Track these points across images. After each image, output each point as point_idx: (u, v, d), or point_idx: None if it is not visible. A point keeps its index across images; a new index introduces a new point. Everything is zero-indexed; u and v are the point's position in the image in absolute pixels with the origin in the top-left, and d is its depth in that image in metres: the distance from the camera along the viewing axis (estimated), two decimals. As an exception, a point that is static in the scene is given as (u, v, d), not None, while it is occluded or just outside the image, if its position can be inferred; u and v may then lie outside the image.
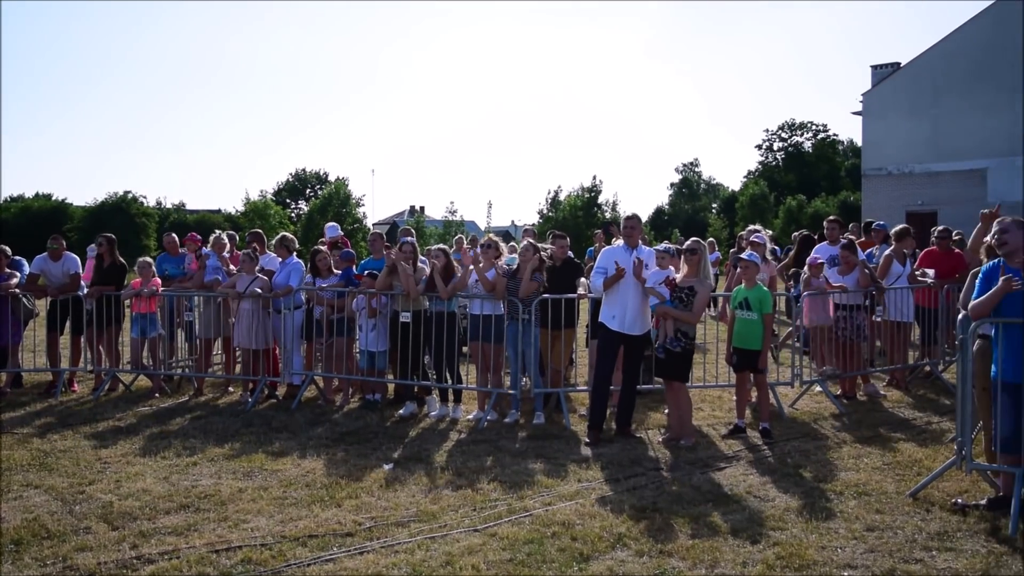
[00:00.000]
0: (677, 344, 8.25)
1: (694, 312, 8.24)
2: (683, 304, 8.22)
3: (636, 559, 5.40)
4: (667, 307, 8.24)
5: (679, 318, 8.21)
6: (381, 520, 6.18)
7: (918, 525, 5.90)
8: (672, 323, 8.24)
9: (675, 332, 8.24)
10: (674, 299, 8.26)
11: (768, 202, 67.15)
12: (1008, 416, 6.04)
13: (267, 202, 56.51)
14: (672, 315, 8.20)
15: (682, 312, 8.20)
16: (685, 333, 8.30)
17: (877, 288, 10.58)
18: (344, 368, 10.46)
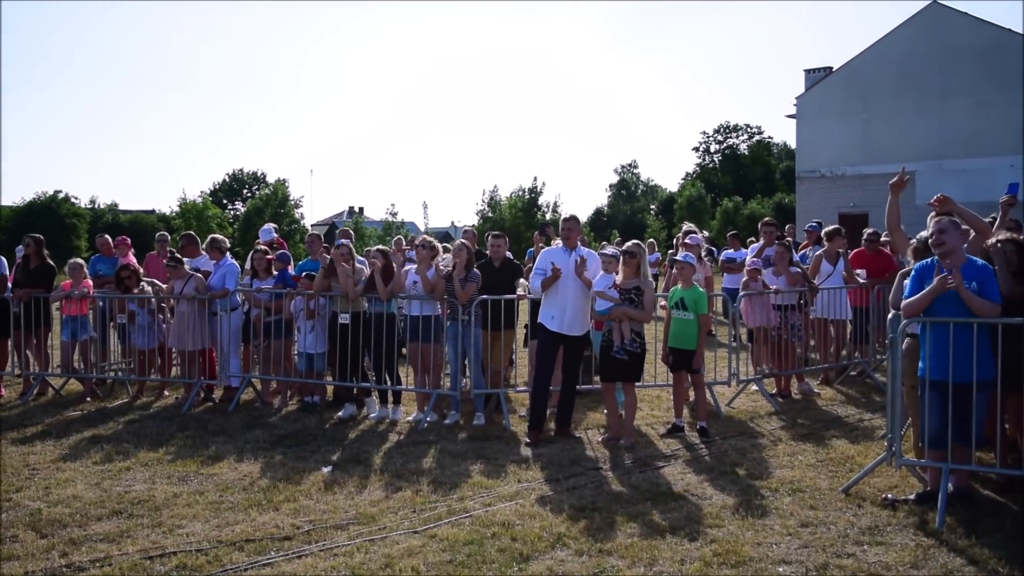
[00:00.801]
0: (635, 344, 8.31)
1: (646, 310, 8.32)
2: (633, 304, 8.28)
3: (576, 558, 5.42)
4: (624, 308, 8.28)
5: (636, 317, 8.27)
6: (320, 523, 6.11)
7: (850, 520, 6.03)
8: (627, 324, 8.29)
9: (631, 333, 8.31)
10: (624, 300, 8.32)
11: (705, 204, 68.10)
12: (935, 413, 6.20)
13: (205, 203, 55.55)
14: (630, 315, 8.26)
15: (637, 311, 8.27)
16: (639, 333, 8.37)
17: (810, 288, 10.79)
18: (282, 370, 10.33)
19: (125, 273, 10.89)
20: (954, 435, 6.10)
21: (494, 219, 51.50)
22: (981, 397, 6.08)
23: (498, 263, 9.85)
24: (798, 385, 10.85)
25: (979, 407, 6.07)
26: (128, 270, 10.96)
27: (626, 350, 8.30)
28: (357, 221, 56.52)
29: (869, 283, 11.39)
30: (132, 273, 10.97)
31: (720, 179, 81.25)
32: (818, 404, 10.24)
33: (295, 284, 10.53)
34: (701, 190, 70.59)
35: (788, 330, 10.41)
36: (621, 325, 8.31)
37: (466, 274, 9.33)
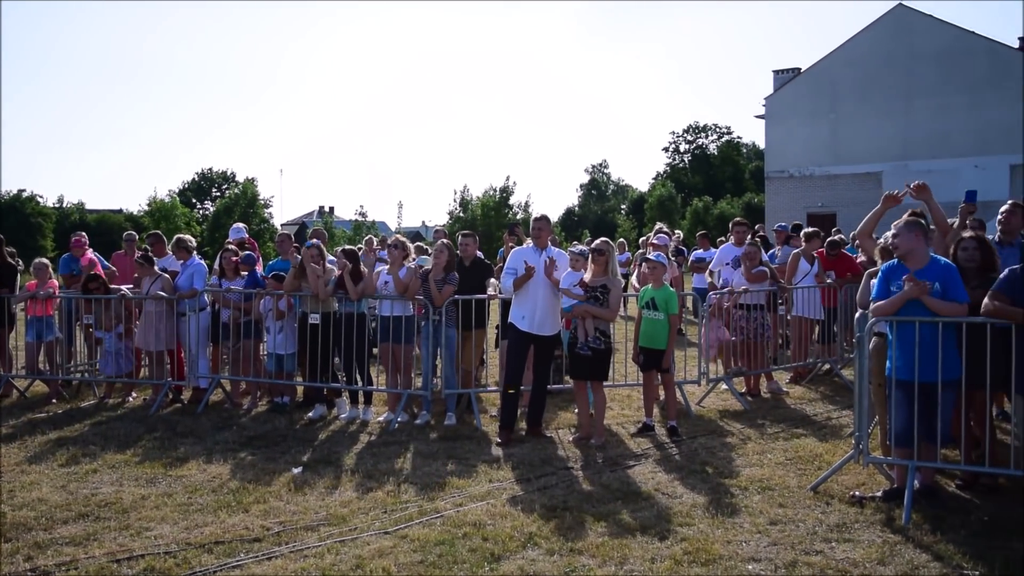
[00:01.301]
0: (599, 342, 8.33)
1: (611, 308, 8.34)
2: (599, 302, 8.30)
3: (547, 558, 5.43)
4: (587, 305, 8.30)
5: (599, 315, 8.29)
6: (290, 524, 6.08)
7: (819, 518, 6.09)
8: (592, 322, 8.31)
9: (595, 331, 8.33)
10: (589, 298, 8.33)
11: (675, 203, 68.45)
12: (901, 411, 6.28)
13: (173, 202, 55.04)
14: (593, 313, 8.28)
15: (600, 309, 8.29)
16: (603, 331, 8.39)
17: (779, 287, 10.89)
18: (252, 371, 10.26)
19: (93, 284, 10.70)
20: (920, 433, 6.18)
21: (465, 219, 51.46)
22: (947, 396, 6.16)
23: (468, 262, 9.85)
24: (767, 384, 10.94)
25: (945, 406, 6.16)
26: (97, 281, 10.77)
27: (590, 347, 8.32)
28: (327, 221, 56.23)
29: (837, 283, 11.51)
30: (100, 284, 10.78)
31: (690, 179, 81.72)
32: (787, 403, 10.33)
33: (263, 284, 10.46)
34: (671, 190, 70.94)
35: (757, 329, 10.49)
36: (584, 323, 8.34)
37: (444, 276, 9.30)
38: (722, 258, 11.80)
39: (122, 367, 10.64)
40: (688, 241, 34.96)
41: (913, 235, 6.30)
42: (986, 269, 6.62)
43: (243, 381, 10.45)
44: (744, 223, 12.24)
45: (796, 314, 11.35)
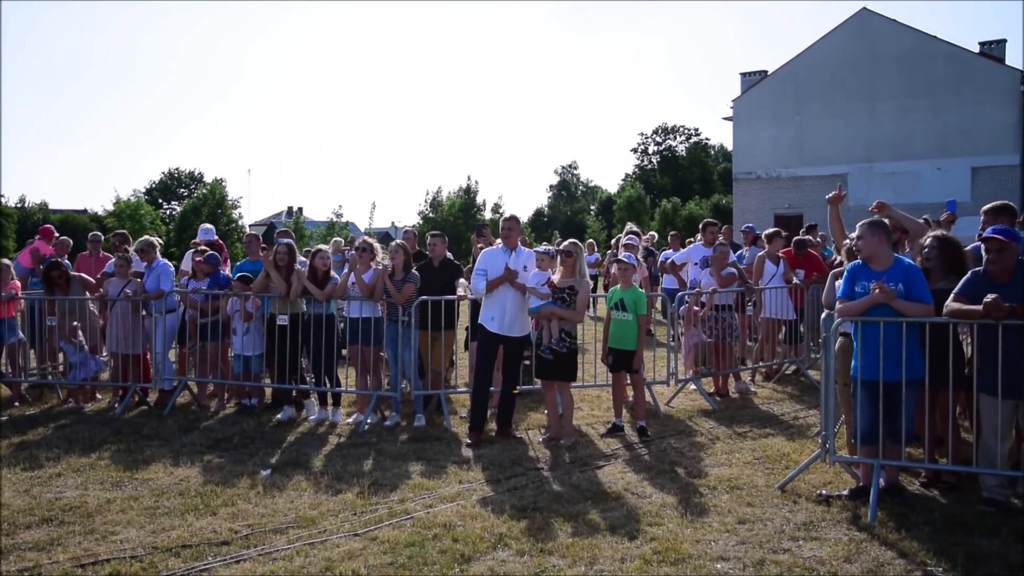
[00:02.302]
0: (563, 344, 8.34)
1: (577, 310, 8.36)
2: (565, 304, 8.32)
3: (517, 559, 5.44)
4: (552, 306, 8.31)
5: (565, 316, 8.31)
6: (258, 527, 6.03)
7: (786, 516, 6.14)
8: (556, 324, 8.33)
9: (560, 332, 8.34)
10: (556, 299, 8.35)
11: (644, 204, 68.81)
12: (866, 410, 6.36)
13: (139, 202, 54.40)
14: (558, 314, 8.29)
15: (567, 311, 8.30)
16: (569, 333, 8.40)
17: (747, 287, 10.99)
18: (219, 373, 10.17)
19: (56, 272, 10.57)
20: (884, 432, 6.26)
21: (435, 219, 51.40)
22: (911, 394, 6.25)
23: (437, 263, 9.83)
24: (735, 384, 11.03)
25: (909, 404, 6.24)
26: (59, 269, 10.64)
27: (552, 349, 8.34)
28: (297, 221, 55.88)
29: (804, 283, 11.64)
30: (63, 273, 10.65)
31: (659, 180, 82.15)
32: (755, 403, 10.41)
33: (228, 285, 10.36)
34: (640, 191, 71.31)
35: (725, 329, 10.56)
36: (550, 324, 8.36)
37: (404, 275, 9.29)
38: (691, 257, 11.87)
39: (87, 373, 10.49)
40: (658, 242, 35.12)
41: (876, 238, 6.38)
42: (951, 269, 6.71)
43: (210, 383, 10.35)
44: (715, 223, 12.32)
45: (766, 315, 11.44)
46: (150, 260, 10.52)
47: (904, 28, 38.97)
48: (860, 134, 39.14)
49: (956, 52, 38.20)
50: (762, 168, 42.29)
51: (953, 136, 36.92)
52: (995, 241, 6.07)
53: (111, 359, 10.63)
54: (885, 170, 37.37)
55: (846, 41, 39.66)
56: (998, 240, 6.06)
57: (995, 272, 6.08)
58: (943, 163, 36.56)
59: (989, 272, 6.12)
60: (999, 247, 6.05)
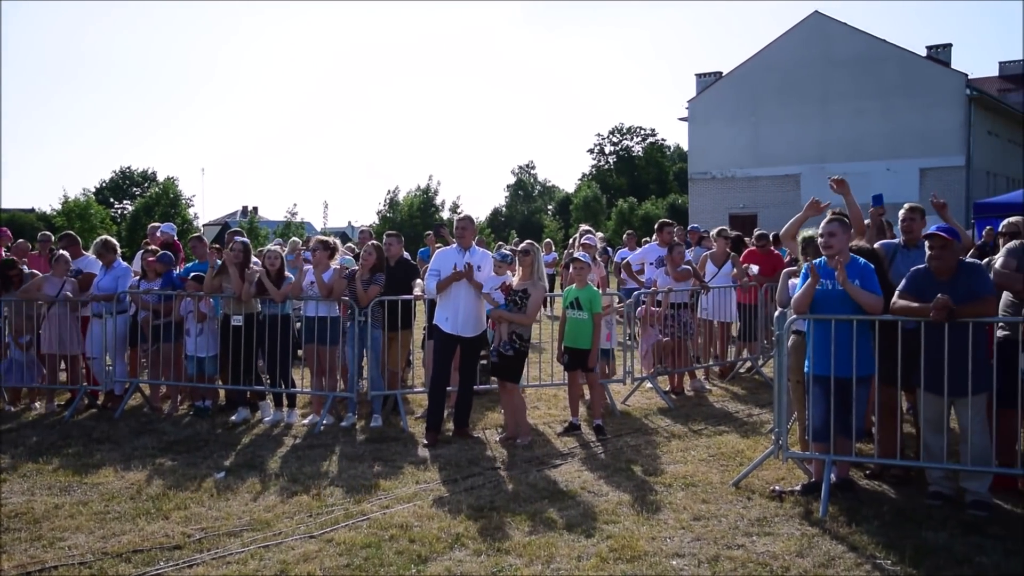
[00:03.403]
0: (510, 347, 8.35)
1: (528, 314, 8.38)
2: (517, 307, 8.34)
3: (474, 558, 5.44)
4: (501, 311, 8.34)
5: (513, 320, 8.33)
6: (212, 531, 5.96)
7: (740, 512, 6.22)
8: (507, 326, 8.35)
9: (509, 335, 8.36)
10: (509, 303, 8.37)
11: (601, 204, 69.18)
12: (818, 407, 6.46)
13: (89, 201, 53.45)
14: (507, 318, 8.32)
15: (516, 315, 8.32)
16: (520, 336, 8.41)
17: (703, 286, 11.10)
18: (172, 374, 10.03)
19: (13, 271, 10.33)
20: (836, 428, 6.36)
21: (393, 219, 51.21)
22: (861, 391, 6.37)
23: (394, 263, 9.80)
24: (691, 382, 11.12)
25: (859, 401, 6.35)
26: (16, 268, 10.41)
27: (499, 351, 8.37)
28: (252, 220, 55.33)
29: (758, 280, 11.77)
30: (19, 272, 10.43)
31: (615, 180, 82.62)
32: (710, 400, 10.52)
33: (182, 285, 10.22)
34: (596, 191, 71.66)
35: (680, 328, 10.65)
36: (500, 327, 8.39)
37: (370, 276, 9.23)
38: (647, 257, 11.96)
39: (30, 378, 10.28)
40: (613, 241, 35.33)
41: (845, 235, 6.51)
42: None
43: (163, 385, 10.20)
44: (671, 223, 12.42)
45: (703, 316, 11.53)
46: (109, 262, 10.31)
47: (855, 32, 39.66)
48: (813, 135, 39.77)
49: (905, 56, 38.99)
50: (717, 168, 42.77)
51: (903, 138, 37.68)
52: (938, 238, 6.19)
53: (48, 361, 10.36)
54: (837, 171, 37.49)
55: (799, 44, 40.26)
56: (941, 237, 6.18)
57: (937, 269, 6.20)
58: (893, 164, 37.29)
59: (931, 269, 6.25)
60: (942, 244, 6.17)
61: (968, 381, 6.03)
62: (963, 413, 6.17)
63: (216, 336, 9.90)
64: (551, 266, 19.47)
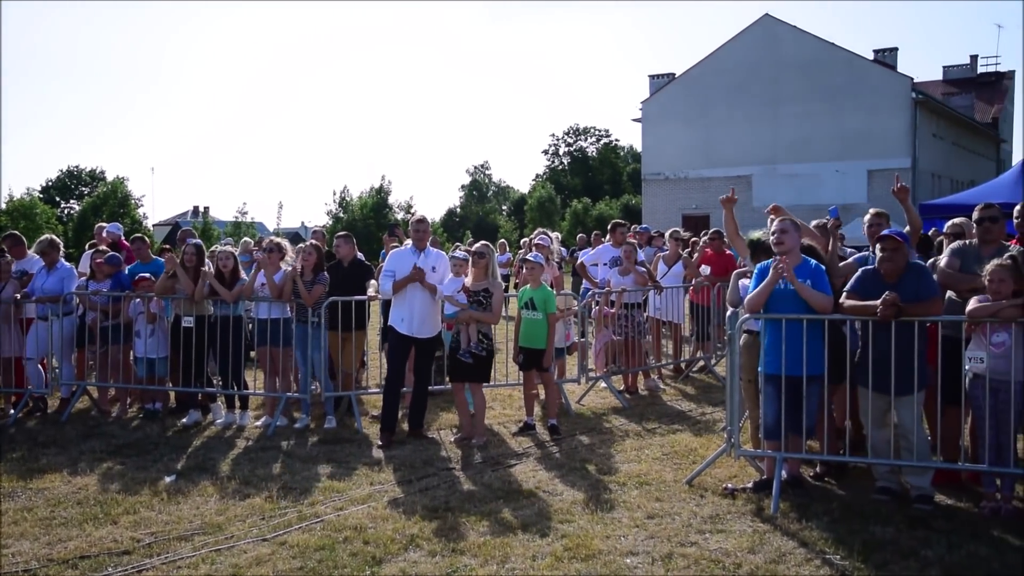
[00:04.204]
0: (480, 348, 8.35)
1: (493, 312, 8.39)
2: (482, 307, 8.34)
3: (429, 559, 5.42)
4: (471, 312, 8.32)
5: (482, 319, 8.32)
6: (162, 535, 5.87)
7: (693, 510, 6.27)
8: (475, 327, 8.34)
9: (478, 335, 8.35)
10: (472, 303, 8.36)
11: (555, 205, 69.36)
12: (770, 405, 6.55)
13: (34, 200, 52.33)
14: (476, 318, 8.30)
15: (484, 313, 8.32)
16: (486, 335, 8.42)
17: (656, 287, 11.19)
18: (120, 377, 9.86)
19: None
20: (787, 426, 6.45)
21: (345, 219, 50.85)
22: (812, 389, 6.46)
23: (347, 264, 9.73)
24: (644, 382, 11.20)
25: (810, 399, 6.45)
26: None
27: (471, 353, 8.36)
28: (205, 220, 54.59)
29: (710, 280, 11.90)
30: None
31: (569, 180, 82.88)
32: (663, 399, 10.60)
33: (131, 286, 10.04)
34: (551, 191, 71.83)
35: (634, 328, 10.72)
36: (468, 328, 8.37)
37: (313, 276, 9.17)
38: (600, 257, 12.03)
39: None
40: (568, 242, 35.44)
41: (797, 234, 6.61)
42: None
43: (111, 387, 10.02)
44: (624, 224, 12.49)
45: (655, 316, 11.67)
46: (52, 261, 10.09)
47: (805, 35, 40.27)
48: (764, 136, 40.30)
49: (853, 59, 39.68)
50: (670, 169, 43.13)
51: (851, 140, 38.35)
52: (891, 240, 6.32)
53: None
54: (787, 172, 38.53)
55: (750, 46, 40.78)
56: (894, 239, 6.31)
57: (887, 271, 6.32)
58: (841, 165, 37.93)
59: (880, 271, 6.37)
60: (894, 246, 6.29)
61: (913, 379, 6.15)
62: (907, 410, 6.29)
63: (167, 337, 9.76)
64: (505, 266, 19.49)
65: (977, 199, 10.10)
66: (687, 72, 43.26)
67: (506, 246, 23.40)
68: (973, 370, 6.15)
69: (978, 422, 6.27)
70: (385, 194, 52.79)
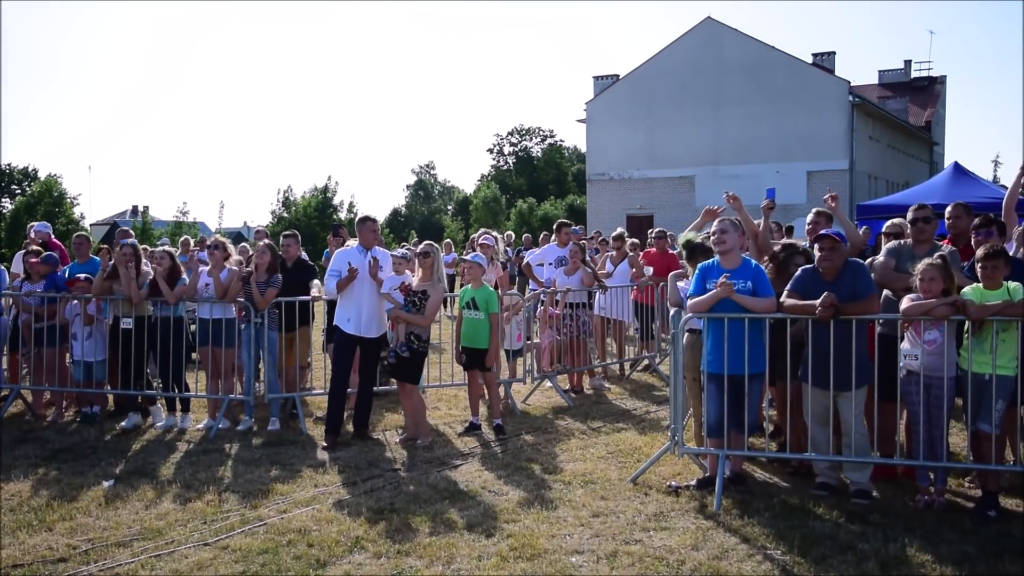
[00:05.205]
0: (406, 348, 8.32)
1: (426, 315, 8.35)
2: (416, 308, 8.31)
3: (374, 561, 5.40)
4: (400, 312, 8.30)
5: (411, 321, 8.29)
6: (99, 541, 5.75)
7: (638, 508, 6.33)
8: (404, 327, 8.31)
9: (407, 336, 8.32)
10: (408, 303, 8.33)
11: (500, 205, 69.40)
12: (713, 403, 6.64)
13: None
14: (404, 319, 8.28)
15: (414, 315, 8.29)
16: (418, 336, 8.38)
17: (600, 287, 11.27)
18: (56, 380, 9.62)
19: None
20: (730, 423, 6.55)
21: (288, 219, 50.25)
22: (754, 387, 6.57)
23: (291, 263, 9.63)
24: (590, 381, 11.27)
25: (752, 397, 6.56)
26: None
27: (396, 352, 8.34)
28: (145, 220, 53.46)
29: (654, 280, 12.02)
30: None
31: (515, 181, 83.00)
32: (608, 398, 10.68)
33: (67, 287, 9.80)
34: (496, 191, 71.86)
35: (578, 327, 10.79)
36: (398, 327, 8.35)
37: (267, 277, 9.04)
38: (545, 257, 12.07)
39: None
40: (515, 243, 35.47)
41: (737, 235, 6.71)
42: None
43: (46, 391, 9.79)
44: (569, 224, 12.56)
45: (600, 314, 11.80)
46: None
47: (746, 38, 40.85)
48: (706, 138, 40.80)
49: (793, 62, 40.38)
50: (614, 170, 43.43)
51: (791, 141, 39.02)
52: (828, 239, 6.45)
53: None
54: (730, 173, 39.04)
55: (693, 48, 41.25)
56: (831, 239, 6.45)
57: (826, 270, 6.45)
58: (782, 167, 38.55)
59: (820, 270, 6.50)
60: (831, 245, 6.43)
61: (852, 376, 6.29)
62: (846, 406, 6.42)
63: (105, 340, 9.55)
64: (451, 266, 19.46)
65: (911, 200, 10.36)
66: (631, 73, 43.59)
67: (451, 246, 23.37)
68: (907, 367, 6.30)
69: (912, 417, 6.42)
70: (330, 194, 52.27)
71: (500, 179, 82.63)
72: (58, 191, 52.70)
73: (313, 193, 52.51)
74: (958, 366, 6.25)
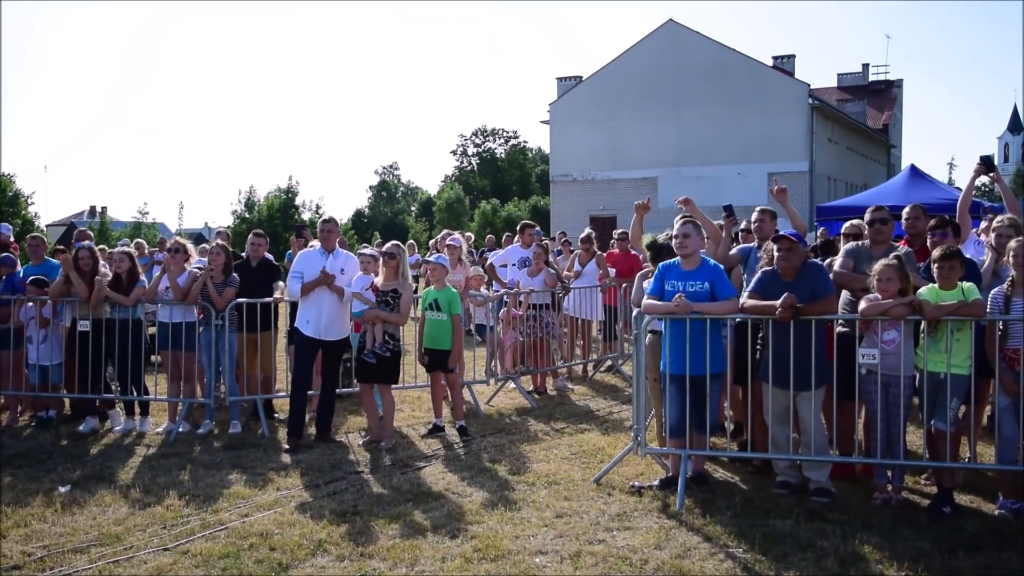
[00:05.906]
0: (386, 349, 8.29)
1: (401, 313, 8.33)
2: (389, 307, 8.28)
3: (337, 564, 5.37)
4: (377, 311, 8.25)
5: (388, 320, 8.26)
6: (55, 548, 5.66)
7: (601, 508, 6.36)
8: (380, 328, 8.27)
9: (384, 336, 8.29)
10: (380, 303, 8.30)
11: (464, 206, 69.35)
12: (674, 404, 6.68)
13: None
14: (382, 318, 8.24)
15: (391, 314, 8.26)
16: (393, 336, 8.36)
17: (564, 288, 11.30)
18: (10, 384, 9.44)
19: None
20: (691, 424, 6.59)
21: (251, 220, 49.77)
22: (715, 387, 6.63)
23: (255, 263, 9.55)
24: (553, 382, 11.29)
25: (713, 397, 6.62)
26: None
27: (375, 353, 8.30)
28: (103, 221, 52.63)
29: (616, 281, 12.09)
30: None
31: (478, 182, 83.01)
32: (572, 399, 10.71)
33: (23, 289, 9.62)
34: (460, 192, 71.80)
35: (542, 328, 10.81)
36: (374, 328, 8.31)
37: (224, 278, 8.95)
38: (509, 258, 12.09)
39: None
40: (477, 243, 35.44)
41: (699, 237, 6.76)
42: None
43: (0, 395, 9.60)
44: (532, 225, 12.56)
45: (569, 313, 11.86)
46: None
47: (707, 40, 41.18)
48: (669, 139, 41.08)
49: (753, 65, 40.79)
50: (578, 171, 43.57)
51: (752, 143, 39.41)
52: (786, 240, 6.52)
53: None
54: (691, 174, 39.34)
55: (655, 51, 41.49)
56: (789, 239, 6.52)
57: (784, 270, 6.52)
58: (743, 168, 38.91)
59: (779, 270, 6.57)
60: (789, 246, 6.50)
61: (811, 375, 6.36)
62: (805, 406, 6.49)
63: (61, 343, 9.40)
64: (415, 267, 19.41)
65: (869, 201, 10.51)
66: (594, 75, 43.75)
67: (415, 247, 23.31)
68: (866, 366, 6.39)
69: (871, 416, 6.51)
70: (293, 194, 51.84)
71: (464, 180, 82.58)
72: (12, 191, 51.71)
73: (276, 193, 52.07)
74: (915, 365, 6.35)
